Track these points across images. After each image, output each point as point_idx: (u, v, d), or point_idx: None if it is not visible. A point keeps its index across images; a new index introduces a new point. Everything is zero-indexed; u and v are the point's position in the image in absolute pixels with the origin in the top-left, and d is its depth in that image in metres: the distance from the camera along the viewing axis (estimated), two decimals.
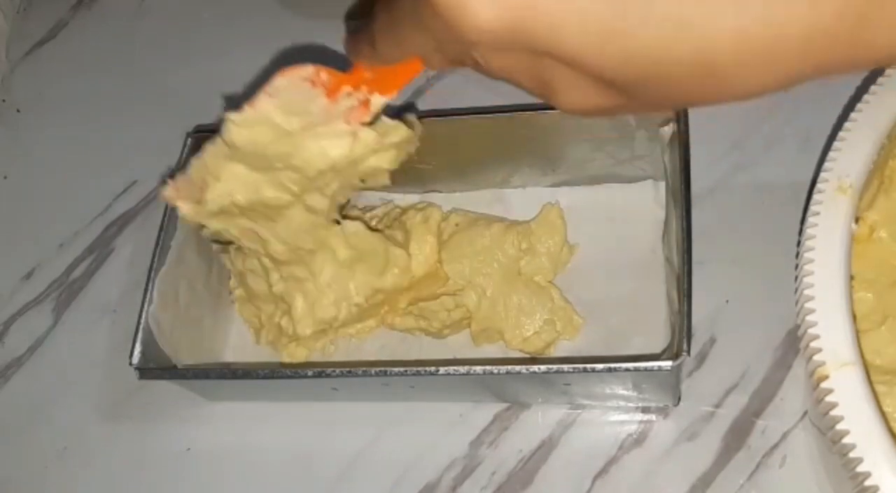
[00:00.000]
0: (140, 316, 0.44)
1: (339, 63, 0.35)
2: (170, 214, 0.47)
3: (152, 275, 0.45)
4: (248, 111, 0.36)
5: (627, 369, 0.39)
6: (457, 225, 0.49)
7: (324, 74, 0.35)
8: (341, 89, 0.35)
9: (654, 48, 0.22)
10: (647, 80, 0.23)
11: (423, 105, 0.55)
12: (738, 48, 0.21)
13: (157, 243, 0.46)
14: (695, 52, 0.22)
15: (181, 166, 0.48)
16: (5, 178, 0.60)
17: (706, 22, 0.21)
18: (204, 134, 0.49)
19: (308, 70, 0.35)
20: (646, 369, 0.39)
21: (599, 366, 0.39)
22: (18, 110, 0.63)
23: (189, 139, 0.49)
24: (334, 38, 0.59)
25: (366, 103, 0.35)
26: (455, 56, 0.27)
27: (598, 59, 0.23)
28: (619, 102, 0.25)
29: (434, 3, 0.23)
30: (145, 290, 0.45)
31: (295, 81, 0.35)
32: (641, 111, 0.24)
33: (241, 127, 0.36)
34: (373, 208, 0.51)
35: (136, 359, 0.43)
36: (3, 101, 0.63)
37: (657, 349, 0.41)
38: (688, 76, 0.22)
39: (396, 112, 0.55)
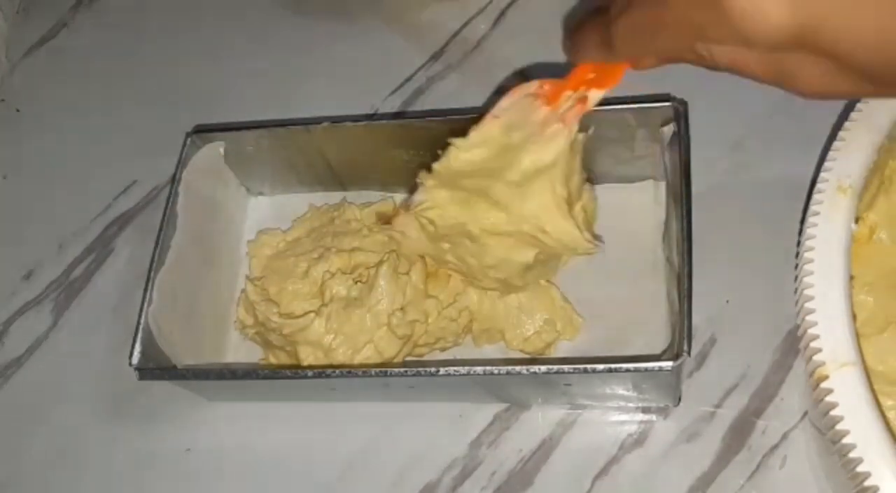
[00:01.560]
0: (140, 316, 0.44)
1: None
2: (170, 214, 0.47)
3: (152, 275, 0.45)
4: (473, 136, 0.37)
5: (628, 370, 0.39)
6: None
7: (547, 86, 0.36)
8: (563, 95, 0.36)
9: None
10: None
11: (422, 105, 0.56)
12: None
13: (156, 243, 0.46)
14: None
15: (182, 167, 0.48)
16: (5, 178, 0.60)
17: None
18: (204, 134, 0.49)
19: (533, 85, 0.36)
20: (646, 370, 0.39)
21: (600, 366, 0.39)
22: (18, 110, 0.63)
23: (189, 139, 0.49)
24: (334, 38, 0.59)
25: (583, 100, 0.36)
26: (696, 54, 0.28)
27: (868, 58, 0.24)
28: (868, 89, 0.26)
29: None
30: (145, 290, 0.45)
31: (519, 99, 0.37)
32: (877, 95, 0.27)
33: (463, 151, 0.38)
34: (371, 204, 0.51)
35: (135, 359, 0.43)
36: (3, 101, 0.63)
37: (657, 350, 0.41)
38: None
39: (395, 115, 0.55)
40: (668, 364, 0.38)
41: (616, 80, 0.35)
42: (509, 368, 0.40)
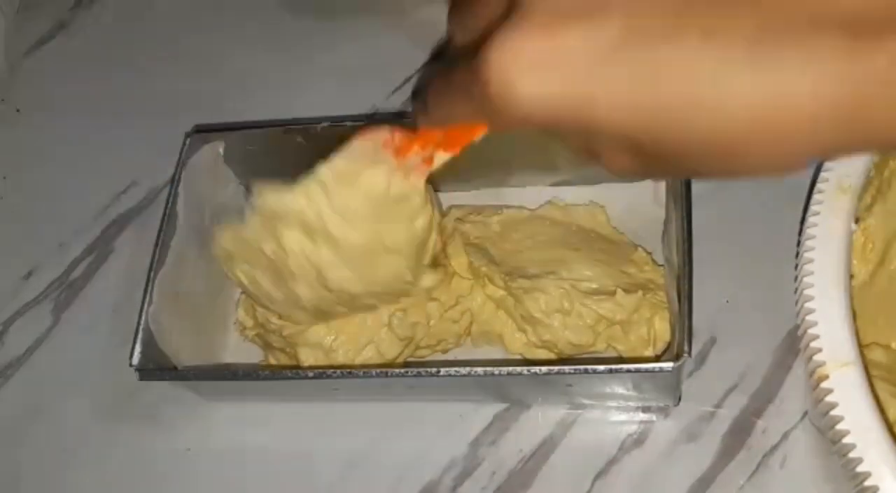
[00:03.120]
0: (140, 316, 0.44)
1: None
2: (170, 214, 0.47)
3: (152, 275, 0.45)
4: (324, 171, 0.38)
5: (628, 371, 0.39)
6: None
7: (398, 136, 0.36)
8: (411, 149, 0.36)
9: (673, 125, 0.23)
10: (674, 154, 0.24)
11: None
12: (751, 129, 0.22)
13: (156, 243, 0.46)
14: (709, 132, 0.22)
15: (182, 167, 0.48)
16: (5, 178, 0.60)
17: (717, 104, 0.22)
18: (204, 134, 0.49)
19: (384, 133, 0.37)
20: (647, 371, 0.39)
21: (601, 367, 0.39)
22: (18, 110, 0.63)
23: (189, 139, 0.49)
24: (334, 38, 0.59)
25: (429, 160, 0.36)
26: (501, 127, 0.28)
27: (631, 133, 0.24)
28: (656, 168, 0.26)
29: (483, 83, 0.24)
30: (145, 290, 0.45)
31: (369, 144, 0.37)
32: (679, 178, 0.27)
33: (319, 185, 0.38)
34: None
35: (136, 360, 0.43)
36: (3, 101, 0.63)
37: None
38: (708, 153, 0.23)
39: (395, 115, 0.55)
40: (668, 365, 0.38)
41: (461, 144, 0.34)
42: (510, 369, 0.40)
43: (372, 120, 0.49)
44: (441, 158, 0.35)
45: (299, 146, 0.49)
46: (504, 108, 0.25)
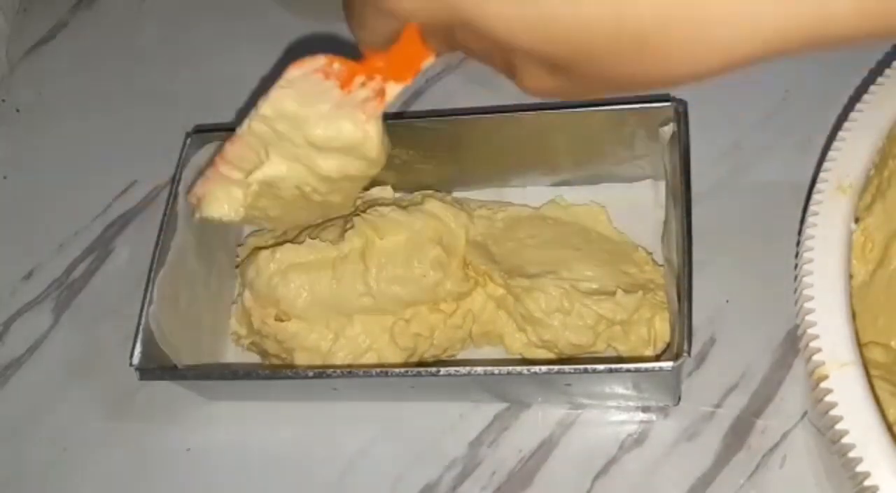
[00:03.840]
0: (140, 316, 0.44)
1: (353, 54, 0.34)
2: (170, 214, 0.47)
3: (152, 275, 0.45)
4: (263, 105, 0.35)
5: (628, 370, 0.39)
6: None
7: (336, 64, 0.34)
8: (355, 79, 0.34)
9: (576, 21, 0.21)
10: (584, 57, 0.22)
11: (422, 105, 0.55)
12: (661, 16, 0.20)
13: (156, 244, 0.46)
14: (617, 22, 0.21)
15: (182, 167, 0.48)
16: (5, 178, 0.60)
17: None
18: (204, 134, 0.49)
19: (320, 60, 0.34)
20: (646, 370, 0.39)
21: (600, 367, 0.39)
22: (18, 110, 0.63)
23: (189, 139, 0.49)
24: (334, 37, 0.59)
25: (381, 93, 0.34)
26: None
27: (526, 37, 0.22)
28: (568, 82, 0.24)
29: None
30: (145, 290, 0.45)
31: (307, 72, 0.34)
32: (595, 93, 0.24)
33: (262, 120, 0.36)
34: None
35: (136, 359, 0.43)
36: (3, 101, 0.63)
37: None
38: (621, 51, 0.21)
39: (395, 115, 0.55)
40: (668, 365, 0.38)
41: (410, 73, 0.32)
42: (510, 369, 0.40)
43: None
44: (394, 90, 0.33)
45: None
46: (392, 8, 0.25)
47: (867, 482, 0.31)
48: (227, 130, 0.49)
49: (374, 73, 0.33)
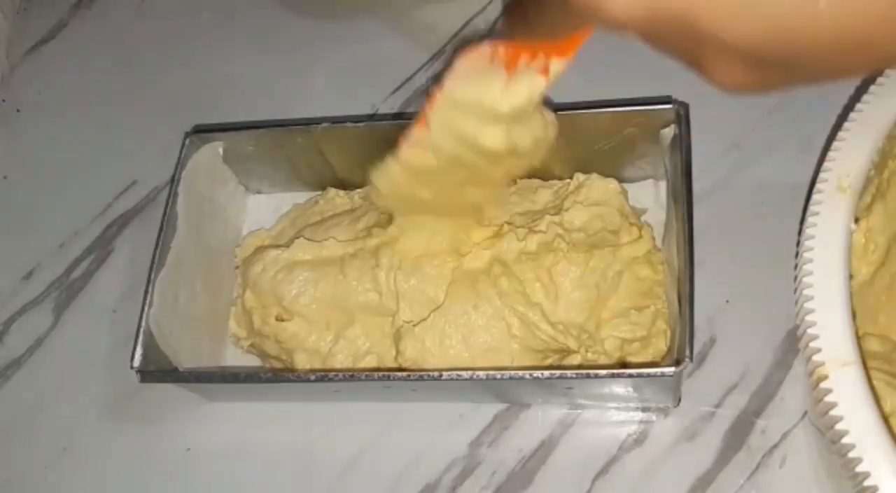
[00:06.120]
0: (140, 318, 0.44)
1: None
2: (169, 214, 0.47)
3: (152, 277, 0.45)
4: (439, 97, 0.36)
5: (630, 375, 0.39)
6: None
7: (501, 49, 0.35)
8: (519, 60, 0.34)
9: (800, 20, 0.21)
10: (797, 55, 0.22)
11: (422, 105, 0.55)
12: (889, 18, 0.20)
13: (156, 244, 0.46)
14: (840, 25, 0.21)
15: (181, 167, 0.48)
16: (5, 178, 0.60)
17: None
18: (203, 134, 0.49)
19: (486, 48, 0.35)
20: (648, 375, 0.39)
21: (602, 371, 0.39)
22: (18, 110, 0.63)
23: (188, 139, 0.49)
24: (334, 38, 0.59)
25: (545, 69, 0.34)
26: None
27: (740, 34, 0.22)
28: (770, 78, 0.24)
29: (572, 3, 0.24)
30: (145, 292, 0.44)
31: (476, 62, 0.35)
32: (794, 87, 0.24)
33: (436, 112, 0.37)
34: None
35: (137, 362, 0.43)
36: (3, 101, 0.63)
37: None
38: (840, 49, 0.21)
39: (395, 115, 0.55)
40: (669, 370, 0.38)
41: (573, 49, 0.33)
42: (512, 372, 0.40)
43: (372, 120, 0.49)
44: (557, 66, 0.34)
45: (299, 146, 0.49)
46: (601, 14, 0.24)
47: (867, 482, 0.31)
48: (227, 130, 0.50)
49: (538, 52, 0.34)
